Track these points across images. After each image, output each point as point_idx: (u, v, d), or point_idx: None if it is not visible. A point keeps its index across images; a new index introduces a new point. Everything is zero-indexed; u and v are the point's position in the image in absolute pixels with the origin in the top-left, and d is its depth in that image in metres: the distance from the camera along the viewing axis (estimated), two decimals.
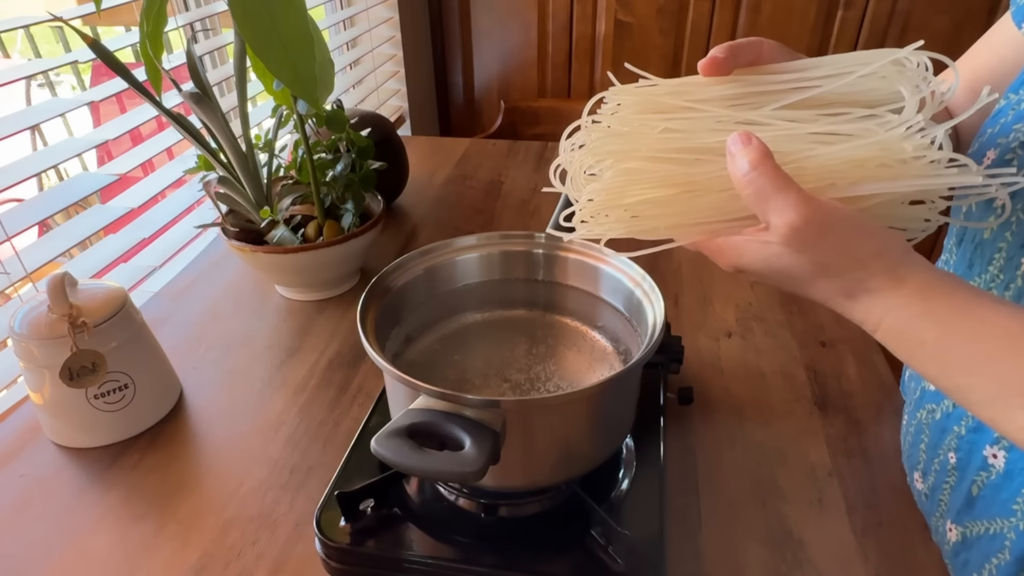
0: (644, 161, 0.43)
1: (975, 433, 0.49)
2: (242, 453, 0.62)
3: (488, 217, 1.06)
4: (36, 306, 0.59)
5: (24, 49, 2.92)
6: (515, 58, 1.92)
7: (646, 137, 0.44)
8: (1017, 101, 0.48)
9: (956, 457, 0.50)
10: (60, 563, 0.52)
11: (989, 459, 0.47)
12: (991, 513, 0.47)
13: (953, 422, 0.51)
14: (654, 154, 0.43)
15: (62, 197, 0.81)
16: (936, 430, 0.53)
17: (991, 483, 0.47)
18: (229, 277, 0.90)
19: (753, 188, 0.38)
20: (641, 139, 0.44)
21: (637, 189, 0.43)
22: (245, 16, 0.60)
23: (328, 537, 0.49)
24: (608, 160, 0.44)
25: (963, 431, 0.50)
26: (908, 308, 0.37)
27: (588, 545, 0.49)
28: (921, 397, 0.56)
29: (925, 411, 0.55)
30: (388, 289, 0.56)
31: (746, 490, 0.58)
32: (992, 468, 0.47)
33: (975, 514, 0.49)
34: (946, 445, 0.52)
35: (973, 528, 0.49)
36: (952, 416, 0.51)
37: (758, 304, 0.82)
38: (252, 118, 0.95)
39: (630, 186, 0.43)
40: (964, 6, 1.62)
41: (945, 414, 0.52)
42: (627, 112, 0.45)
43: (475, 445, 0.39)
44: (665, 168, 0.43)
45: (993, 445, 0.47)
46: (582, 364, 0.58)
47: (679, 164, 0.43)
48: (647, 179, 0.43)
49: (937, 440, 0.53)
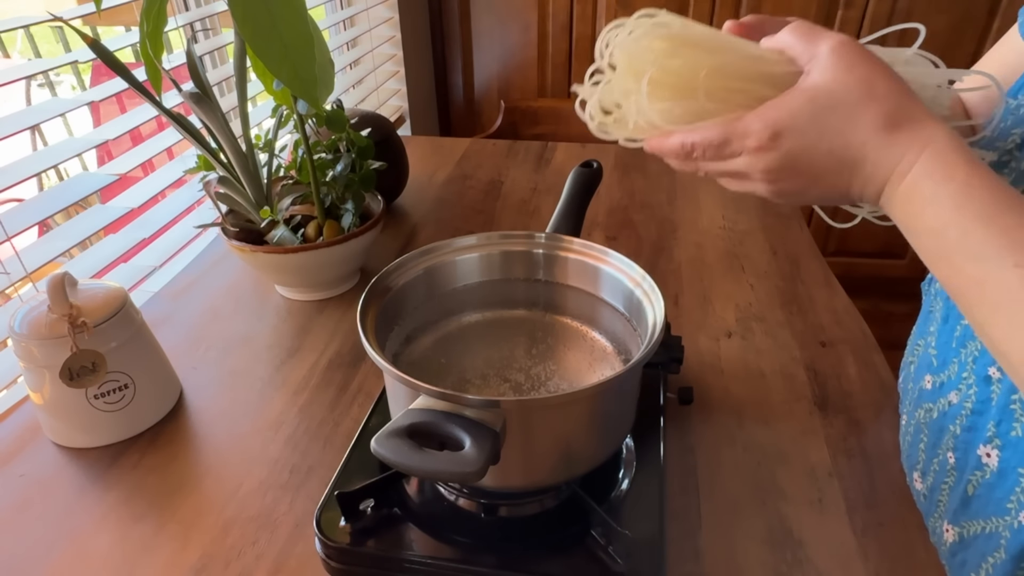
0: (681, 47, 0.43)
1: (969, 432, 0.49)
2: (242, 453, 0.62)
3: (488, 217, 1.06)
4: (36, 306, 0.59)
5: (24, 49, 2.92)
6: (515, 58, 1.92)
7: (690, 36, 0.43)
8: (1016, 106, 0.48)
9: (955, 457, 0.50)
10: (60, 563, 0.52)
11: (983, 458, 0.47)
12: (987, 512, 0.47)
13: (949, 421, 0.51)
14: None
15: (62, 197, 0.81)
16: (934, 429, 0.53)
17: (985, 482, 0.47)
18: (229, 277, 0.90)
19: (799, 31, 0.41)
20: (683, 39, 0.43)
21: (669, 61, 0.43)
22: (245, 16, 0.60)
23: (328, 537, 0.49)
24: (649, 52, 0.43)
25: (958, 430, 0.50)
26: (948, 140, 0.37)
27: (588, 545, 0.49)
28: (919, 396, 0.56)
29: (923, 410, 0.55)
30: (388, 289, 0.56)
31: (746, 490, 0.58)
32: (986, 467, 0.47)
33: (971, 514, 0.49)
34: (944, 444, 0.52)
35: (970, 528, 0.49)
36: (948, 415, 0.51)
37: (758, 304, 0.82)
38: (252, 118, 0.95)
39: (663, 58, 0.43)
40: (964, 6, 1.62)
41: (941, 413, 0.52)
42: None
43: (475, 445, 0.39)
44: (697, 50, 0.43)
45: (986, 444, 0.47)
46: (582, 364, 0.58)
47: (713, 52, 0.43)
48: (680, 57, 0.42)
49: (936, 440, 0.53)
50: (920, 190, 0.37)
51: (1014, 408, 0.45)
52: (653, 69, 0.42)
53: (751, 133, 0.40)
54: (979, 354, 0.49)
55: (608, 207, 1.07)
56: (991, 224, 0.35)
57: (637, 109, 0.44)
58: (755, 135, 0.40)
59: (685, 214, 1.04)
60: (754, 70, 0.42)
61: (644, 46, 0.43)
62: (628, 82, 0.44)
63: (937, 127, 0.38)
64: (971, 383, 0.49)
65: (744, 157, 0.42)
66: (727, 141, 0.41)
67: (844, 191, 0.41)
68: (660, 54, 0.42)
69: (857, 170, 0.40)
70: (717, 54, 0.42)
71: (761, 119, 0.40)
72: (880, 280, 2.01)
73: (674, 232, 1.00)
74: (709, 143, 0.42)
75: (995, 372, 0.47)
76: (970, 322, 0.38)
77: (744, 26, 0.45)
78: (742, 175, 0.43)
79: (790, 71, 0.42)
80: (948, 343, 0.52)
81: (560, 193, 0.66)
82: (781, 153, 0.40)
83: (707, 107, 0.43)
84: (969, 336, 0.50)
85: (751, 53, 0.43)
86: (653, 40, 0.43)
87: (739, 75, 0.42)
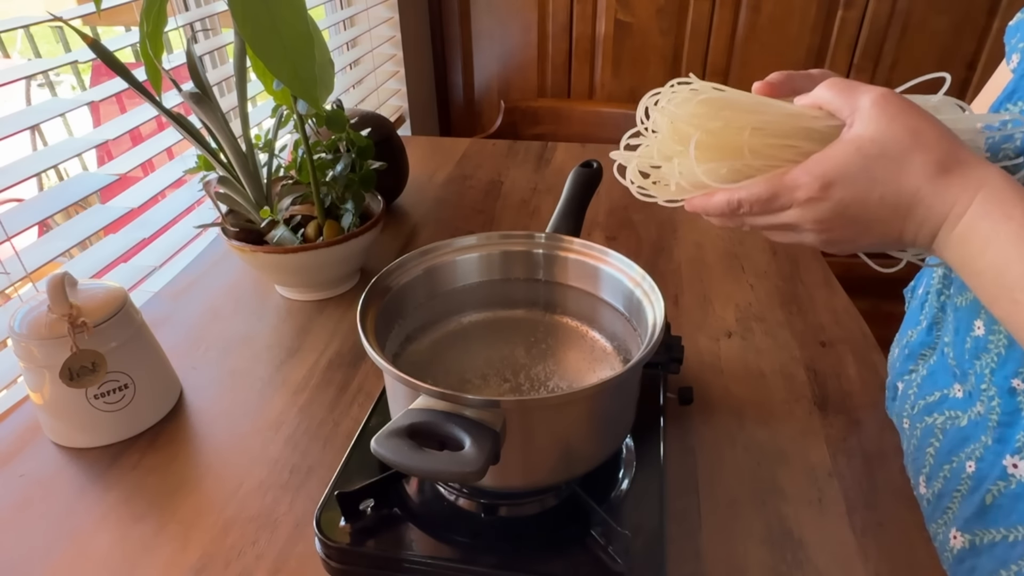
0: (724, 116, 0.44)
1: (998, 444, 0.48)
2: (242, 453, 0.62)
3: (488, 217, 1.06)
4: (36, 306, 0.59)
5: (24, 49, 2.92)
6: (515, 58, 1.92)
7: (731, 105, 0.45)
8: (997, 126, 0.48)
9: (975, 466, 0.49)
10: (60, 563, 0.52)
11: (1009, 468, 0.47)
12: (1010, 521, 0.46)
13: (981, 431, 0.50)
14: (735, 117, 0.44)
15: (62, 197, 0.81)
16: (956, 437, 0.52)
17: (1010, 492, 0.47)
18: (229, 277, 0.90)
19: (838, 87, 0.42)
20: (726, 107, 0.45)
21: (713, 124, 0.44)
22: (245, 16, 0.60)
23: (328, 537, 0.49)
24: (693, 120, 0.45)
25: (989, 440, 0.49)
26: (1003, 181, 0.38)
27: (588, 545, 0.49)
28: (940, 401, 0.55)
29: (944, 416, 0.54)
30: (388, 289, 0.56)
31: (746, 490, 0.58)
32: (1012, 477, 0.46)
33: (987, 522, 0.48)
34: (966, 453, 0.51)
35: (985, 536, 0.48)
36: (979, 424, 0.50)
37: (758, 304, 0.82)
38: (252, 118, 0.95)
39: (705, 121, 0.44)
40: (964, 6, 1.62)
41: (972, 422, 0.51)
42: None
43: (475, 445, 0.39)
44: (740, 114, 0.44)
45: (1014, 455, 0.46)
46: (582, 364, 0.58)
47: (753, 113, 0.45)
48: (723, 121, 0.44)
49: (954, 447, 0.52)
50: (978, 231, 0.38)
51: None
52: (699, 132, 0.44)
53: (800, 186, 0.42)
54: (996, 366, 0.48)
55: (608, 207, 1.07)
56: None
57: (681, 171, 0.46)
58: (805, 187, 0.41)
59: (685, 214, 1.04)
60: (795, 126, 0.44)
61: (686, 111, 0.45)
62: (671, 146, 0.46)
63: (989, 169, 0.38)
64: (992, 395, 0.48)
65: (794, 209, 0.43)
66: (776, 196, 0.43)
67: (897, 237, 0.42)
68: (703, 118, 0.44)
69: (911, 216, 0.40)
70: (755, 113, 0.44)
71: (809, 172, 0.41)
72: (880, 280, 2.01)
73: (674, 232, 1.00)
74: (757, 198, 0.43)
75: (1019, 384, 0.46)
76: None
77: (773, 85, 0.47)
78: (791, 227, 0.44)
79: (831, 125, 0.43)
80: (962, 354, 0.52)
81: (560, 193, 0.66)
82: (833, 203, 0.41)
83: (752, 164, 0.44)
84: (983, 348, 0.49)
85: (790, 111, 0.45)
86: (694, 105, 0.44)
87: (781, 132, 0.44)
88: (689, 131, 0.44)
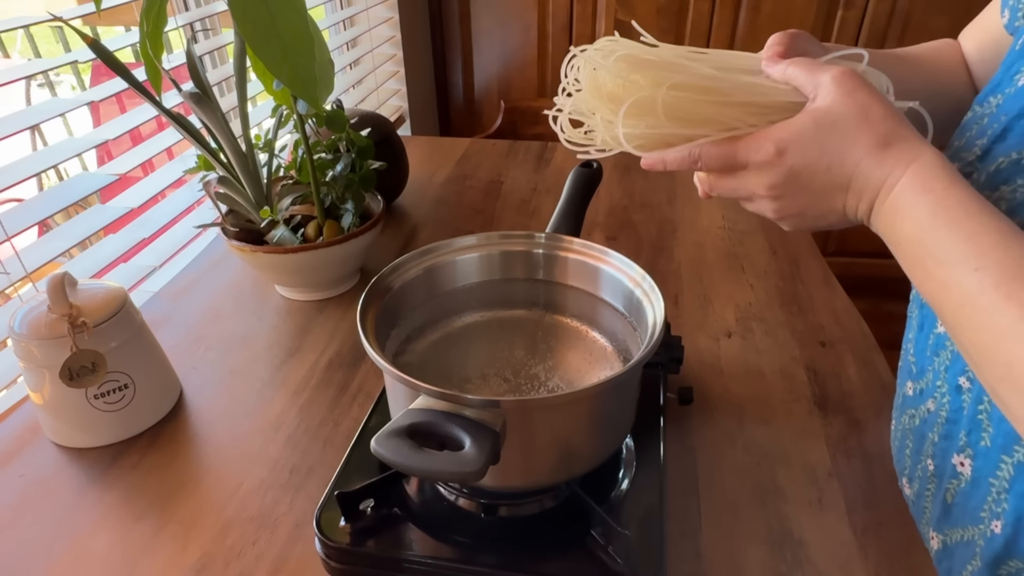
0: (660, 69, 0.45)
1: (945, 441, 0.49)
2: (242, 453, 0.62)
3: (488, 217, 1.06)
4: (36, 306, 0.59)
5: (24, 49, 2.91)
6: (515, 58, 1.92)
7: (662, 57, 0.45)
8: (980, 115, 0.48)
9: (934, 464, 0.51)
10: (60, 563, 0.52)
11: (957, 467, 0.48)
12: (964, 521, 0.47)
13: (928, 428, 0.51)
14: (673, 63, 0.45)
15: (62, 197, 0.81)
16: (917, 436, 0.53)
17: (961, 491, 0.47)
18: (229, 277, 0.90)
19: (804, 64, 0.43)
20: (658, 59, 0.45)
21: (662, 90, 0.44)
22: (245, 16, 0.60)
23: (328, 537, 0.49)
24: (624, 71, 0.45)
25: (936, 438, 0.50)
26: (933, 157, 0.39)
27: (588, 545, 0.49)
28: (903, 402, 0.56)
29: (907, 416, 0.55)
30: (388, 289, 0.56)
31: (746, 490, 0.58)
32: (961, 476, 0.47)
33: (952, 522, 0.49)
34: (925, 452, 0.52)
35: (952, 536, 0.49)
36: (927, 422, 0.51)
37: (758, 304, 0.82)
38: (252, 118, 0.95)
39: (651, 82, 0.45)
40: (964, 6, 1.61)
41: (922, 420, 0.52)
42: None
43: (475, 445, 0.39)
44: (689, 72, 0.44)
45: (959, 453, 0.47)
46: (582, 364, 0.58)
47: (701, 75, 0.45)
48: (667, 79, 0.44)
49: (919, 446, 0.53)
50: (903, 202, 0.39)
51: (981, 418, 0.46)
52: (616, 88, 0.45)
53: (758, 148, 0.43)
54: (950, 363, 0.49)
55: (608, 207, 1.07)
56: (958, 230, 0.36)
57: (603, 124, 0.47)
58: (762, 151, 0.43)
59: (685, 214, 1.04)
60: (750, 93, 0.45)
61: (608, 66, 0.45)
62: (591, 100, 0.47)
63: (924, 146, 0.40)
64: (944, 391, 0.49)
65: (751, 172, 0.44)
66: (734, 154, 0.44)
67: (841, 210, 0.43)
68: (623, 73, 0.45)
69: (851, 187, 0.41)
70: (681, 72, 0.45)
71: (768, 137, 0.43)
72: (880, 280, 2.01)
73: (674, 232, 1.00)
74: (717, 155, 0.44)
75: (965, 382, 0.47)
76: (943, 326, 0.40)
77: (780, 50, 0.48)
78: (748, 193, 0.45)
79: (794, 101, 0.44)
80: (924, 351, 0.53)
81: (560, 193, 0.66)
82: (785, 168, 0.42)
83: (681, 131, 0.45)
84: (941, 345, 0.50)
85: (748, 80, 0.46)
86: (613, 61, 0.45)
87: (733, 99, 0.45)
88: (608, 87, 0.45)
